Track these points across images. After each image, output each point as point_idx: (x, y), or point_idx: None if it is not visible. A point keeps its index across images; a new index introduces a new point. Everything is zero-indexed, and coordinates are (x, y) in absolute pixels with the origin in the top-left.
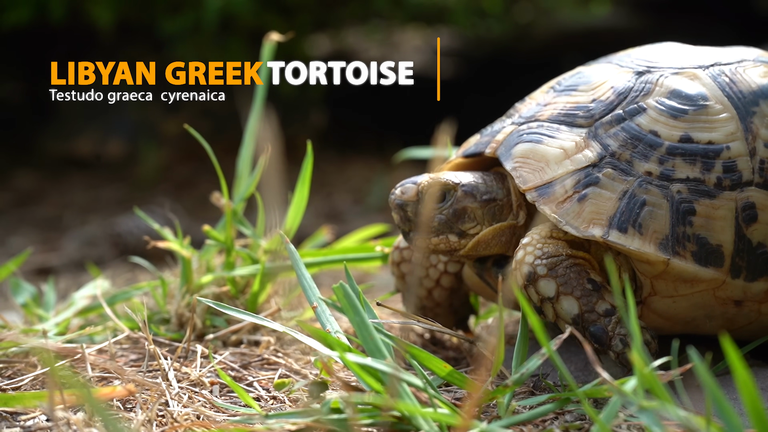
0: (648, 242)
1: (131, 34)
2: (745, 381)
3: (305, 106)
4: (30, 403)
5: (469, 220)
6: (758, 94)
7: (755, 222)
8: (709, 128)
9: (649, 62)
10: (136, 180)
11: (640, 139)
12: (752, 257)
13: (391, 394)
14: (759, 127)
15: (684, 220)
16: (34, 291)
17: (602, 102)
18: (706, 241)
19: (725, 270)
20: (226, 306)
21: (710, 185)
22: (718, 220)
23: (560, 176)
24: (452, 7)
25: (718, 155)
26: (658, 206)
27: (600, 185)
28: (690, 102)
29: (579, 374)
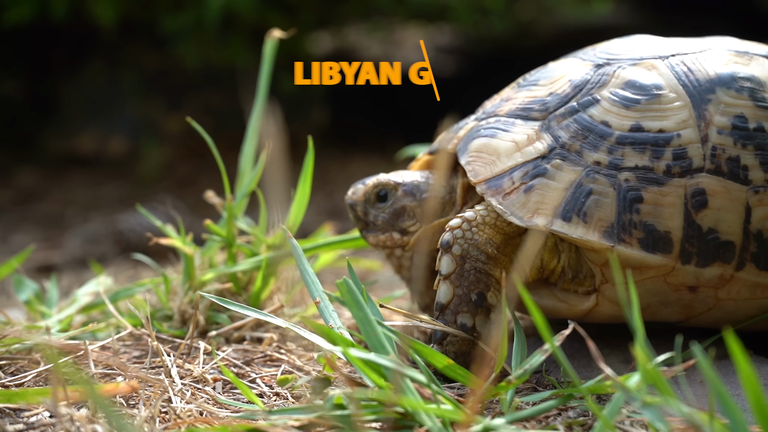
0: (592, 230)
1: (133, 31)
2: (749, 377)
3: (307, 103)
4: (33, 400)
5: (408, 218)
6: (715, 82)
7: (705, 208)
8: (661, 117)
9: (611, 55)
10: (138, 177)
11: (591, 129)
12: (703, 243)
13: (395, 389)
14: (713, 114)
15: (631, 208)
16: (37, 288)
17: (558, 95)
18: (653, 227)
19: (674, 256)
20: (230, 302)
21: (659, 173)
22: (667, 206)
23: (509, 168)
24: (454, 4)
25: (669, 143)
26: (605, 195)
27: (547, 176)
28: (643, 92)
29: (582, 370)
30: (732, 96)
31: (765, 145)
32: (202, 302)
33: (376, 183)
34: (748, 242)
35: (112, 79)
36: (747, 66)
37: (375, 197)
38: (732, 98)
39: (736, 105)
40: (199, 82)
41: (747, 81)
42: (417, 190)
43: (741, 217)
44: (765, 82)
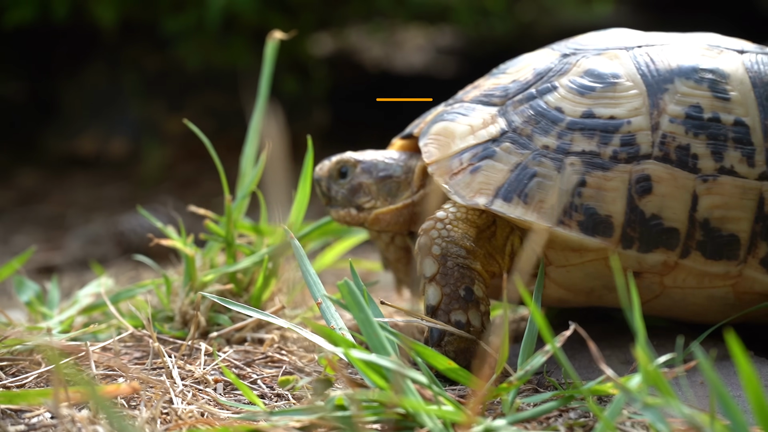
0: (531, 211)
1: (134, 32)
2: (750, 378)
3: (308, 104)
4: (34, 401)
5: (364, 195)
6: (675, 72)
7: (649, 194)
8: (614, 104)
9: (580, 45)
10: (139, 178)
11: (544, 115)
12: (645, 228)
13: (396, 390)
14: (667, 103)
15: (573, 191)
16: (38, 289)
17: (520, 82)
18: (594, 211)
19: (615, 240)
20: (231, 302)
21: (605, 158)
22: (610, 191)
23: (461, 150)
24: (455, 5)
25: (618, 129)
26: (548, 177)
27: (495, 158)
28: (600, 80)
29: (583, 371)
30: (690, 86)
31: (719, 135)
32: (203, 303)
33: (339, 160)
34: (694, 230)
35: (113, 80)
36: (713, 59)
37: (337, 173)
38: (690, 88)
39: (693, 95)
40: (200, 83)
41: (709, 73)
42: (374, 168)
43: (687, 205)
44: (730, 74)
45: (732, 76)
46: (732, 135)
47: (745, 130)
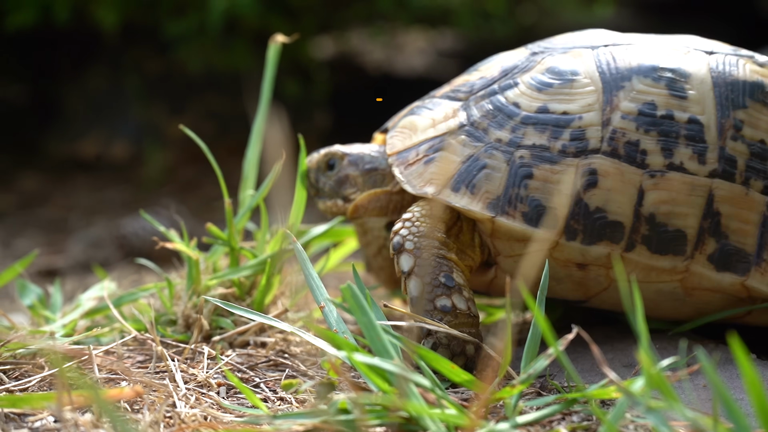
0: (476, 201)
1: (136, 35)
2: (753, 381)
3: (310, 107)
4: (38, 405)
5: (350, 186)
6: (634, 71)
7: (595, 187)
8: (568, 100)
9: (551, 44)
10: (141, 182)
11: (502, 110)
12: (589, 221)
13: (399, 394)
14: (621, 100)
15: (520, 183)
16: (41, 293)
17: (486, 79)
18: (539, 203)
19: (558, 231)
20: (234, 306)
21: (554, 152)
22: (556, 183)
23: (420, 142)
24: (456, 8)
25: (569, 124)
26: (497, 169)
27: (449, 150)
28: (559, 77)
29: (585, 374)
30: (647, 84)
31: (671, 132)
32: (206, 307)
33: (327, 152)
34: (639, 224)
35: (115, 84)
36: (677, 58)
37: (325, 165)
38: (646, 86)
39: (648, 93)
40: (201, 86)
41: (669, 71)
42: (360, 160)
43: (633, 200)
44: (691, 74)
45: (693, 75)
46: (685, 132)
47: (699, 128)
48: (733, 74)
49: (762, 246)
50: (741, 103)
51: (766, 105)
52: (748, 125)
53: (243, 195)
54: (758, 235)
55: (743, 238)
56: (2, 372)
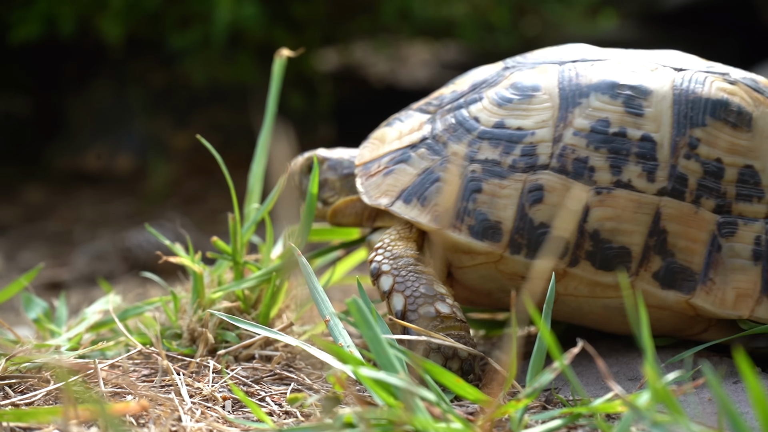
0: (425, 213)
1: (140, 48)
2: (759, 395)
3: (314, 119)
4: (44, 419)
5: (328, 189)
6: (593, 87)
7: (540, 203)
8: (524, 116)
9: (524, 59)
10: (145, 194)
11: (462, 124)
12: (533, 236)
13: (405, 408)
14: (576, 117)
15: (469, 197)
16: (46, 306)
17: (456, 93)
18: (485, 216)
19: (503, 245)
20: (239, 319)
21: (504, 167)
22: (503, 198)
23: (384, 154)
24: (460, 21)
25: (521, 140)
26: (449, 183)
27: (408, 162)
28: (520, 92)
29: (590, 388)
30: (603, 101)
31: (622, 149)
32: (211, 320)
33: (309, 156)
34: (583, 240)
35: (119, 96)
36: (640, 75)
37: (307, 169)
38: (602, 103)
39: (604, 110)
40: (205, 99)
41: (628, 89)
42: (339, 165)
43: (578, 215)
44: (652, 91)
45: (655, 92)
46: (636, 150)
47: (652, 145)
48: (697, 92)
49: (709, 265)
50: (700, 122)
51: (727, 123)
52: (705, 144)
53: (248, 208)
54: (706, 254)
55: (690, 257)
56: (8, 386)
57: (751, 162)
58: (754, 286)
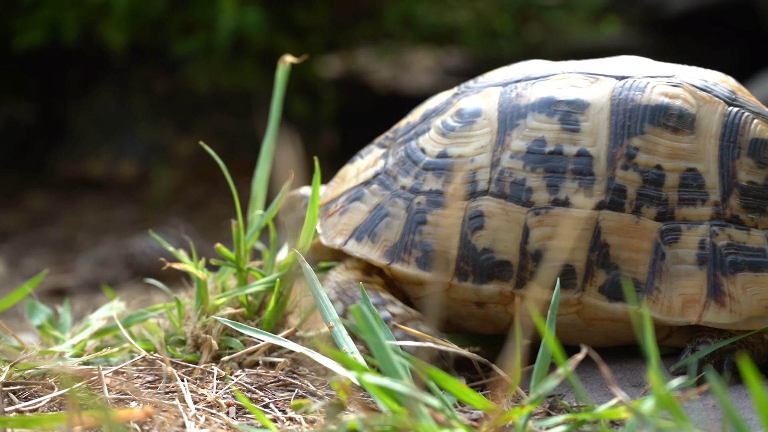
0: (376, 249)
1: (144, 55)
2: (763, 402)
3: (317, 126)
4: (48, 425)
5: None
6: (530, 107)
7: (481, 229)
8: (465, 143)
9: (476, 83)
10: (148, 201)
11: (410, 156)
12: (478, 262)
13: (409, 415)
14: (513, 139)
15: (415, 229)
16: (50, 312)
17: (410, 124)
18: (430, 247)
19: (450, 274)
20: (243, 326)
21: (447, 196)
22: (446, 227)
23: (342, 193)
24: (463, 27)
25: (462, 168)
26: (396, 217)
27: (362, 200)
28: (462, 119)
29: (594, 394)
30: (540, 120)
31: (558, 168)
32: (215, 327)
33: (290, 195)
34: (527, 261)
35: (123, 103)
36: (579, 89)
37: (288, 207)
38: (539, 122)
39: (540, 129)
40: (209, 105)
41: (566, 105)
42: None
43: (518, 238)
44: (590, 104)
45: (592, 105)
46: (572, 167)
47: (588, 160)
48: (635, 99)
49: (654, 274)
50: (638, 130)
51: (667, 128)
52: (644, 152)
53: (252, 215)
54: (650, 263)
55: (635, 267)
56: (12, 393)
57: (694, 164)
58: (700, 291)
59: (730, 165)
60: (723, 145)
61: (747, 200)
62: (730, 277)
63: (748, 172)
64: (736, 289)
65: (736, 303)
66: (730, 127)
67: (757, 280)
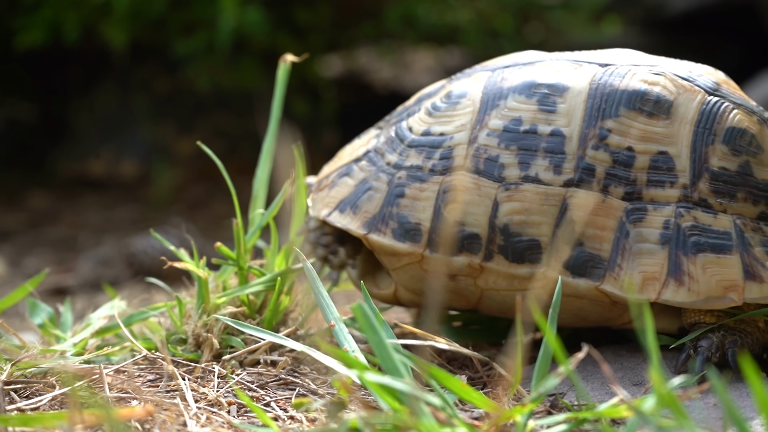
0: (356, 220)
1: (145, 54)
2: (764, 401)
3: (318, 125)
4: (49, 424)
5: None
6: (512, 89)
7: (454, 202)
8: (448, 122)
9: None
10: (149, 200)
11: (399, 134)
12: (449, 234)
13: (411, 413)
14: (491, 118)
15: (393, 202)
16: (51, 311)
17: (405, 107)
18: (406, 219)
19: (422, 245)
20: (245, 324)
21: (425, 171)
22: (422, 200)
23: (335, 169)
24: (464, 27)
25: (441, 145)
26: (378, 190)
27: (350, 175)
28: (449, 100)
29: (595, 393)
30: (519, 101)
31: (531, 146)
32: (216, 325)
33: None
34: (495, 235)
35: (124, 102)
36: (562, 73)
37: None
38: (518, 103)
39: (518, 109)
40: (210, 105)
41: (546, 87)
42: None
43: (488, 212)
44: (569, 88)
45: (571, 89)
46: (545, 145)
47: (561, 140)
48: (614, 85)
49: (617, 251)
50: (612, 113)
51: (642, 113)
52: (617, 133)
53: (253, 214)
54: (614, 240)
55: (599, 244)
56: (13, 391)
57: (666, 148)
58: (660, 269)
59: (703, 150)
60: (698, 131)
61: (717, 185)
62: (691, 257)
63: (720, 158)
64: (696, 269)
65: (695, 282)
66: (708, 114)
67: (718, 262)
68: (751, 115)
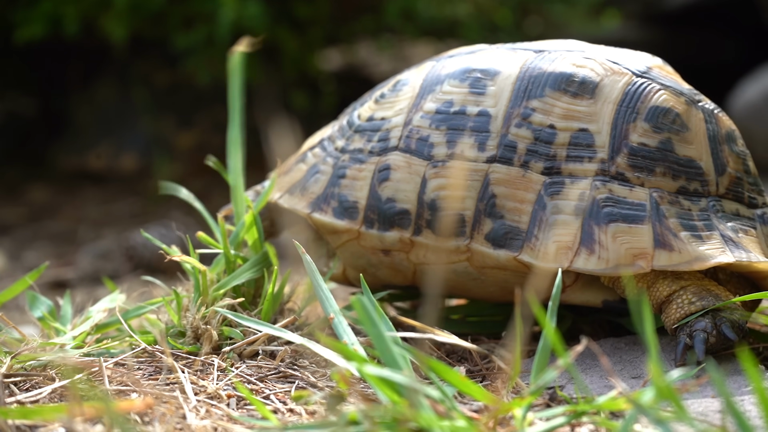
0: (302, 201)
1: (144, 48)
2: (762, 393)
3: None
4: (49, 416)
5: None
6: (449, 75)
7: (387, 180)
8: (390, 107)
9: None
10: (149, 193)
11: (349, 122)
12: (382, 211)
13: (410, 406)
14: (426, 102)
15: (335, 183)
16: (51, 305)
17: (361, 97)
18: (345, 198)
19: (359, 222)
20: (243, 317)
21: (365, 153)
22: (360, 180)
23: (295, 158)
24: (463, 21)
25: (381, 128)
26: (324, 173)
27: (305, 161)
28: (394, 87)
29: (594, 386)
30: (453, 85)
31: (459, 125)
32: (214, 318)
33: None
34: (423, 210)
35: (124, 96)
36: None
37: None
38: (452, 87)
39: (451, 92)
40: (209, 98)
41: (479, 72)
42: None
43: (417, 188)
44: (501, 72)
45: (502, 73)
46: (471, 125)
47: (486, 119)
48: (542, 68)
49: (535, 223)
50: (538, 93)
51: (567, 93)
52: (540, 112)
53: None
54: (532, 212)
55: (518, 216)
56: (13, 384)
57: (587, 125)
58: (574, 239)
59: (623, 127)
60: (620, 110)
61: (635, 160)
62: (603, 227)
63: (641, 135)
64: (607, 238)
65: (605, 250)
66: (632, 94)
67: (629, 231)
68: (679, 96)
